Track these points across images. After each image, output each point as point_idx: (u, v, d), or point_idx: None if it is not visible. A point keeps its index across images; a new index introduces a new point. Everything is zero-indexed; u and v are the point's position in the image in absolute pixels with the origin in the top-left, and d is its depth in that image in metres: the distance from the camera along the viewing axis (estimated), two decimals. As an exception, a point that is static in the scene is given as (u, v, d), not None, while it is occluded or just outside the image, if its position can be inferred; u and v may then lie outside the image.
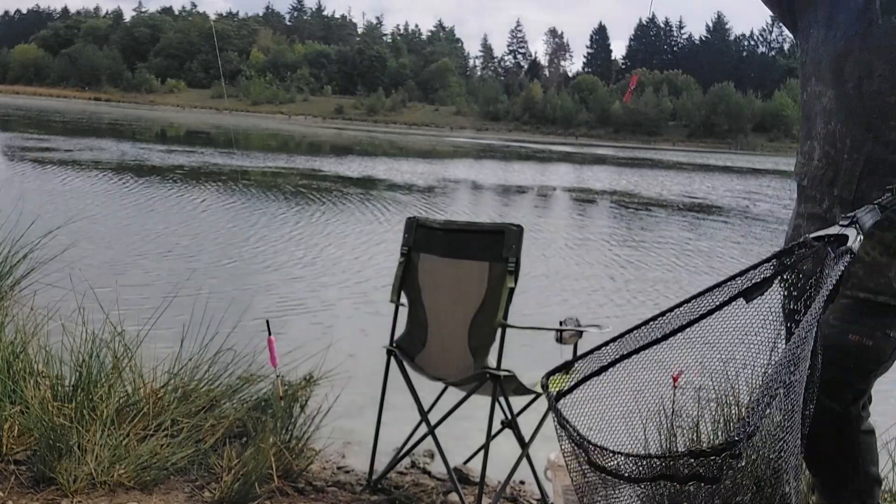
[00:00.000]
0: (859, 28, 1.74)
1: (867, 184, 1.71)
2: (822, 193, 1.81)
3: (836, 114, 1.77)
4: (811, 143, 1.86)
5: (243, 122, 57.67)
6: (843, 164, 1.76)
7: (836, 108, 1.77)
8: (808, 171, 1.87)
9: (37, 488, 2.25)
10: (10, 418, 2.44)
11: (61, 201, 10.42)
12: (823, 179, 1.81)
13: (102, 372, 2.65)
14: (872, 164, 1.71)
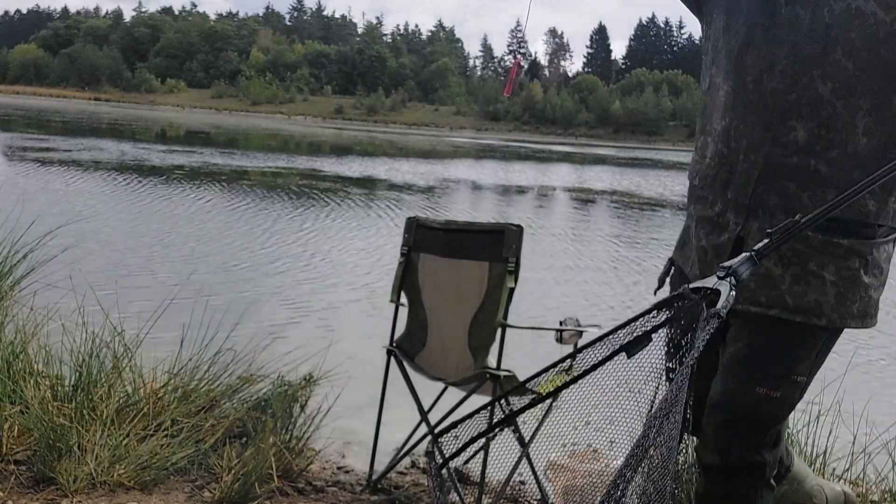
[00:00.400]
0: (762, 18, 1.57)
1: (764, 188, 1.56)
2: (714, 195, 1.65)
3: (733, 110, 1.60)
4: (705, 138, 1.70)
5: (243, 122, 57.67)
6: (738, 164, 1.59)
7: (733, 103, 1.60)
8: (700, 169, 1.71)
9: (37, 488, 2.25)
10: (10, 418, 2.44)
11: (61, 201, 10.42)
12: (716, 180, 1.65)
13: (102, 372, 2.65)
14: (770, 167, 1.55)
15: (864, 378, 4.68)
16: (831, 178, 1.50)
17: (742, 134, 1.58)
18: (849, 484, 2.46)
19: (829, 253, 1.52)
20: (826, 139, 1.50)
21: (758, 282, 1.55)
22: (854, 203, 1.42)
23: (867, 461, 2.44)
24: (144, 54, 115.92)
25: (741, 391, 1.58)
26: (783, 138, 1.54)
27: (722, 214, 1.62)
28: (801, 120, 1.52)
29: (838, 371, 2.66)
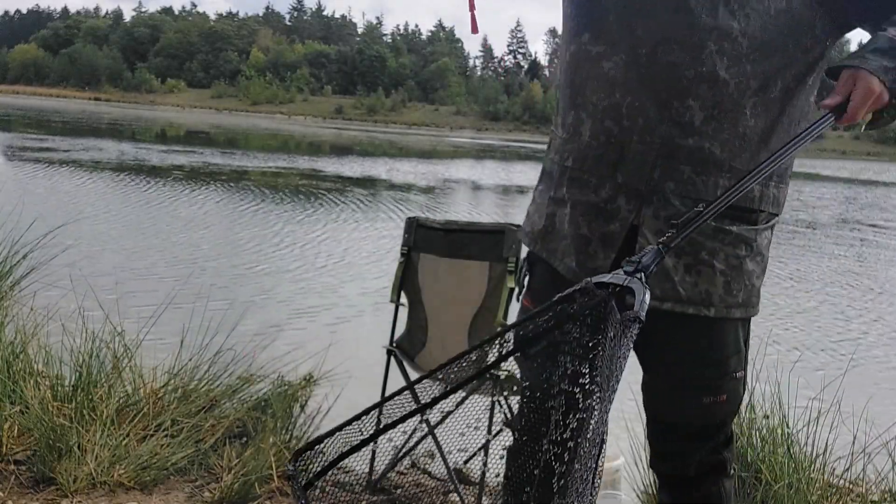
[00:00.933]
0: None
1: (661, 172, 1.41)
2: (599, 178, 1.46)
3: (625, 85, 1.42)
4: (578, 114, 1.49)
5: (243, 122, 57.70)
6: (632, 145, 1.42)
7: (624, 77, 1.42)
8: (574, 148, 1.50)
9: (37, 488, 2.25)
10: (10, 418, 2.44)
11: (61, 201, 10.42)
12: (602, 161, 1.46)
13: (102, 372, 2.65)
14: (667, 149, 1.41)
15: (865, 378, 4.69)
16: (724, 162, 1.41)
17: (637, 112, 1.41)
18: (849, 484, 2.47)
19: (720, 241, 1.44)
20: (718, 120, 1.40)
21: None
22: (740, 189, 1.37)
23: (867, 461, 2.44)
24: (144, 54, 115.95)
25: (688, 405, 1.50)
26: (680, 118, 1.40)
27: (611, 200, 1.45)
28: (697, 99, 1.39)
29: (838, 371, 2.66)
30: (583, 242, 1.48)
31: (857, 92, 1.34)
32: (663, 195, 1.41)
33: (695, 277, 1.43)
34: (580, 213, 1.48)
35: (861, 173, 38.42)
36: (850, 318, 6.96)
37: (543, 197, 1.59)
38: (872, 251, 11.82)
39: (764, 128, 1.42)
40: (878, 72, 1.33)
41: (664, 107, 1.40)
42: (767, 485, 2.29)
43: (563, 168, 1.52)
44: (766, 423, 2.48)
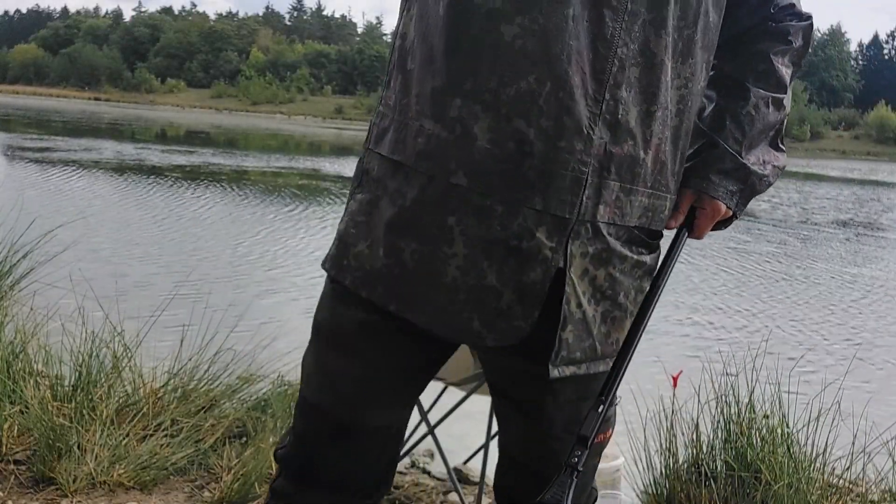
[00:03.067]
0: None
1: (593, 191, 1.05)
2: (508, 204, 1.03)
3: (548, 66, 1.00)
4: (468, 104, 1.03)
5: (243, 122, 57.69)
6: (557, 156, 1.01)
7: (547, 55, 1.00)
8: (463, 157, 1.03)
9: (36, 488, 2.25)
10: (10, 418, 2.44)
11: (61, 201, 10.43)
12: (513, 180, 1.02)
13: (102, 372, 2.65)
14: (603, 161, 1.05)
15: (865, 377, 4.69)
16: (649, 176, 1.12)
17: (563, 108, 1.01)
18: (849, 483, 2.47)
19: (634, 276, 1.17)
20: (648, 122, 1.09)
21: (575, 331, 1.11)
22: (658, 209, 1.16)
23: (867, 461, 2.44)
24: (144, 54, 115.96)
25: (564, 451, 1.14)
26: (615, 116, 1.05)
27: (526, 236, 1.04)
28: (630, 89, 1.05)
29: (838, 371, 2.66)
30: (490, 296, 1.06)
31: (706, 213, 1.26)
32: (593, 224, 1.07)
33: (609, 326, 1.16)
34: (481, 254, 1.05)
35: (872, 174, 38.42)
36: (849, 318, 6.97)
37: (379, 216, 1.11)
38: (871, 251, 11.82)
39: (673, 136, 1.15)
40: (724, 198, 1.24)
41: (596, 101, 1.03)
42: (767, 485, 2.29)
43: (448, 186, 1.05)
44: (766, 423, 2.48)
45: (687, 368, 2.61)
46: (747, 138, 1.26)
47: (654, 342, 5.55)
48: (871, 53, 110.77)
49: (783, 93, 1.28)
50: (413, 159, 1.07)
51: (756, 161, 1.27)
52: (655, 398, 2.58)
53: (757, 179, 1.27)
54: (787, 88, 1.29)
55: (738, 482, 2.33)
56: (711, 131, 1.27)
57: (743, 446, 2.40)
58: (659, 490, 2.47)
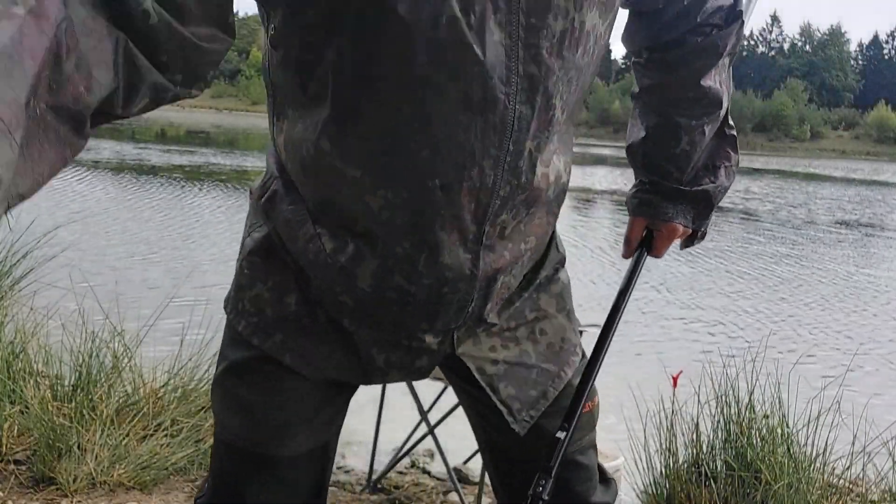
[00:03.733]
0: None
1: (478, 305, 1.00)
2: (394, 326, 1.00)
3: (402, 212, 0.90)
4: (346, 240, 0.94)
5: (243, 122, 57.70)
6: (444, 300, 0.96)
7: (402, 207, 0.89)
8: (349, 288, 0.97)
9: (36, 488, 2.25)
10: (10, 418, 2.44)
11: (61, 201, 10.43)
12: (398, 316, 0.98)
13: (102, 372, 2.65)
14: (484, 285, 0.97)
15: (865, 377, 4.69)
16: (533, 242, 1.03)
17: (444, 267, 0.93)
18: (849, 483, 2.47)
19: (538, 289, 1.15)
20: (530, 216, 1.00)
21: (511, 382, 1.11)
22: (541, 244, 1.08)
23: (867, 461, 2.44)
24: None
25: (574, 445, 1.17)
26: (496, 237, 0.96)
27: (413, 339, 1.02)
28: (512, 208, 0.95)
29: (838, 371, 2.66)
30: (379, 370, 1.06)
31: (662, 235, 1.28)
32: (481, 319, 1.04)
33: (541, 343, 1.14)
34: (371, 344, 1.03)
35: (876, 174, 38.44)
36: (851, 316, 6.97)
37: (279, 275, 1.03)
38: (870, 250, 11.82)
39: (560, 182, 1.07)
40: (679, 219, 1.25)
41: (475, 241, 0.93)
42: (767, 485, 2.29)
43: (335, 299, 0.99)
44: (766, 423, 2.48)
45: (687, 368, 2.61)
46: (689, 170, 1.24)
47: (656, 342, 5.55)
48: (871, 53, 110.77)
49: (718, 108, 1.21)
50: (304, 261, 0.98)
51: (705, 178, 1.25)
52: (655, 398, 2.58)
53: (711, 193, 1.25)
54: (721, 102, 1.21)
55: (738, 482, 2.33)
56: (649, 172, 1.26)
57: (743, 446, 2.40)
58: (659, 490, 2.47)
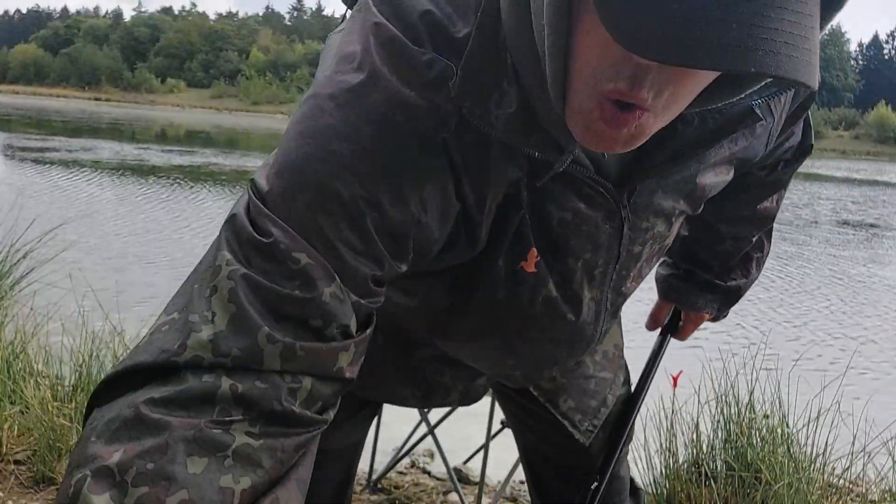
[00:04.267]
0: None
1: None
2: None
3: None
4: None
5: (243, 122, 57.71)
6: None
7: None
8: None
9: (37, 488, 2.25)
10: (10, 418, 2.44)
11: (61, 201, 10.43)
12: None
13: (102, 372, 2.65)
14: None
15: (865, 377, 4.69)
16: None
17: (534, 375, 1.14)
18: (849, 483, 2.47)
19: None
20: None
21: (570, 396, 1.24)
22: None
23: (867, 461, 2.44)
24: (144, 54, 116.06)
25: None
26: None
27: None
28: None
29: (838, 370, 2.66)
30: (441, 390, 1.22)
31: (691, 319, 1.35)
32: None
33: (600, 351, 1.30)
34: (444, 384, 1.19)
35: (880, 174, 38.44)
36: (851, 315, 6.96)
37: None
38: (877, 251, 11.82)
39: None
40: (708, 308, 1.31)
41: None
42: (767, 485, 2.29)
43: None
44: (766, 423, 2.48)
45: (687, 368, 2.61)
46: (727, 267, 1.26)
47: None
48: (871, 53, 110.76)
49: (770, 222, 1.24)
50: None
51: (738, 272, 1.27)
52: (655, 398, 2.58)
53: (742, 288, 1.29)
54: (774, 217, 1.23)
55: (738, 482, 2.33)
56: (684, 261, 1.27)
57: (743, 446, 2.40)
58: (659, 490, 2.47)
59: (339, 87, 0.71)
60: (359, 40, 0.73)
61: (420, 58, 0.71)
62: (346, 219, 0.70)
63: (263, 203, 0.71)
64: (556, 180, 0.80)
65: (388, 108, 0.71)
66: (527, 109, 0.74)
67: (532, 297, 0.90)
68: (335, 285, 0.69)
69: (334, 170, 0.70)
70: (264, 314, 0.65)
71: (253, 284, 0.66)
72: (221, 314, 0.65)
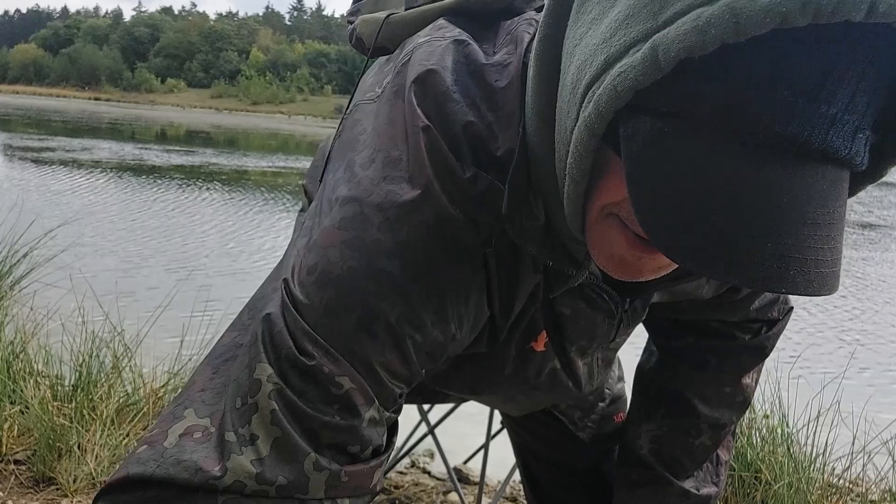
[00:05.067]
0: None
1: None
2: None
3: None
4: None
5: (243, 122, 57.72)
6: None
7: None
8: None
9: (37, 488, 2.25)
10: (10, 418, 2.44)
11: (61, 201, 10.43)
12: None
13: (102, 372, 2.65)
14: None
15: (865, 377, 4.69)
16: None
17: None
18: (849, 483, 2.47)
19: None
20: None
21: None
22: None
23: (867, 460, 2.44)
24: (144, 54, 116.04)
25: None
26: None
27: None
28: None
29: (838, 370, 2.66)
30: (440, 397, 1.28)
31: None
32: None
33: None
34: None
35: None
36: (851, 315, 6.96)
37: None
38: (885, 254, 11.82)
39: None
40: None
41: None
42: (767, 484, 2.29)
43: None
44: (765, 423, 2.49)
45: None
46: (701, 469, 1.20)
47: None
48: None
49: (746, 408, 1.19)
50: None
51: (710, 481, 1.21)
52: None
53: (711, 498, 1.21)
54: (749, 402, 1.18)
55: (738, 482, 2.33)
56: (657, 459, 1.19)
57: (743, 446, 2.40)
58: (659, 490, 2.47)
59: (388, 199, 0.69)
60: (405, 144, 0.71)
61: (464, 174, 0.69)
62: (390, 341, 0.69)
63: (301, 315, 0.68)
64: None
65: (438, 227, 0.69)
66: (549, 223, 0.74)
67: (538, 370, 0.94)
68: (374, 408, 0.69)
69: (382, 290, 0.68)
70: (307, 440, 0.65)
71: (292, 407, 0.65)
72: (264, 438, 0.64)
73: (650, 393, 1.18)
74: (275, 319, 0.69)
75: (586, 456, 1.28)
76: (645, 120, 0.55)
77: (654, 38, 0.51)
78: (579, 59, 0.59)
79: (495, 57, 0.74)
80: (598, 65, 0.56)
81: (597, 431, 1.27)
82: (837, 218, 0.56)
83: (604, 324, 0.91)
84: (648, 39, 0.51)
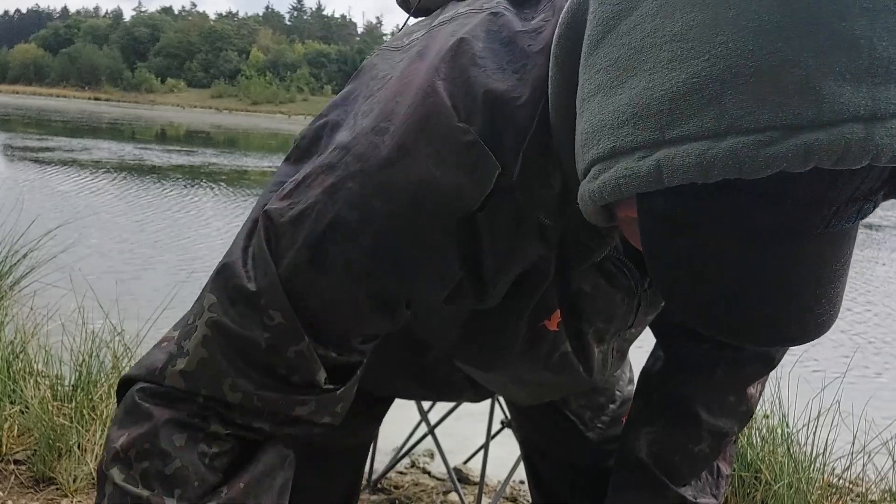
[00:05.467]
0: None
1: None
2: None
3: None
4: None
5: (243, 121, 57.72)
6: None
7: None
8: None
9: (37, 488, 2.25)
10: (10, 418, 2.44)
11: (61, 201, 10.43)
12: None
13: (102, 372, 2.65)
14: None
15: (865, 377, 4.69)
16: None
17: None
18: (849, 483, 2.47)
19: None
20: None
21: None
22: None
23: (867, 460, 2.44)
24: (144, 54, 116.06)
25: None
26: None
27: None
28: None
29: (838, 370, 2.66)
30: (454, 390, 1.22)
31: None
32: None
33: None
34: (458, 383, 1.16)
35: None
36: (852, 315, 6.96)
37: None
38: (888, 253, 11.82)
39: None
40: None
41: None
42: (767, 484, 2.29)
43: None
44: (765, 423, 2.49)
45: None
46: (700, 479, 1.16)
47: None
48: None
49: (750, 418, 1.17)
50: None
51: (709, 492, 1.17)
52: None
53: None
54: (752, 413, 1.16)
55: (737, 482, 2.33)
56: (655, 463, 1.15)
57: (743, 446, 2.40)
58: (659, 490, 2.47)
59: (368, 151, 0.70)
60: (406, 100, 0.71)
61: (463, 138, 0.69)
62: (337, 283, 0.73)
63: (267, 245, 0.74)
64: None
65: (410, 186, 0.70)
66: (568, 193, 0.73)
67: (550, 351, 0.93)
68: (303, 345, 0.74)
69: (337, 236, 0.71)
70: (233, 359, 0.73)
71: (224, 330, 0.73)
72: (193, 356, 0.75)
73: (653, 397, 1.17)
74: (230, 264, 0.76)
75: (594, 455, 1.27)
76: (659, 199, 0.57)
77: (659, 157, 0.51)
78: (587, 122, 0.59)
79: (532, 23, 0.73)
80: (604, 148, 0.56)
81: (605, 432, 1.26)
82: (846, 261, 0.58)
83: (623, 304, 0.89)
84: (655, 153, 0.52)
